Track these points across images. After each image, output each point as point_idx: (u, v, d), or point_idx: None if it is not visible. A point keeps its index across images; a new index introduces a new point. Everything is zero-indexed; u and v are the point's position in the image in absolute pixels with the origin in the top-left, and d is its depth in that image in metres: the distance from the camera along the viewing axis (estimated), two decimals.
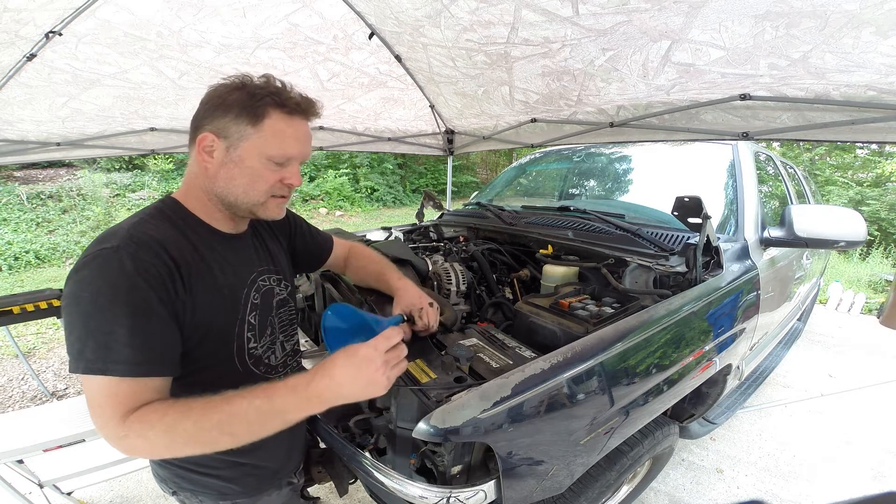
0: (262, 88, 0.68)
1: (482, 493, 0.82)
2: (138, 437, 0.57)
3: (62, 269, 5.70)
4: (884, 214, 8.64)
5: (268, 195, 0.73)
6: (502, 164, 14.92)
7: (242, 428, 0.59)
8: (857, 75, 1.17)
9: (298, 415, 0.61)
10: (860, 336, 3.91)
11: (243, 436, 0.59)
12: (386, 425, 0.98)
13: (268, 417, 0.60)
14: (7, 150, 2.07)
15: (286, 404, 0.60)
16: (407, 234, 2.16)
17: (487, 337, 1.10)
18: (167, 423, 0.58)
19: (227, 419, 0.58)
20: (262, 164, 0.69)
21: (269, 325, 0.85)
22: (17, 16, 1.34)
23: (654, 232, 1.49)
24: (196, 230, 0.73)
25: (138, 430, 0.57)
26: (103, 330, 0.58)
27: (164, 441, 0.58)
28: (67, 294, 0.59)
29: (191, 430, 0.58)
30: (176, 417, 0.58)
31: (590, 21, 1.32)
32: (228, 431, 0.58)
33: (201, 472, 0.81)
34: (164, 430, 0.57)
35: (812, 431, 2.39)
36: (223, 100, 0.68)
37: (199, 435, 0.58)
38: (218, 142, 0.69)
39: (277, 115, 0.68)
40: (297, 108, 0.70)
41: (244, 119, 0.67)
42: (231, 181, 0.70)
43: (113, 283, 0.59)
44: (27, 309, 2.04)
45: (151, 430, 0.57)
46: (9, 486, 1.53)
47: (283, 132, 0.69)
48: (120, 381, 0.58)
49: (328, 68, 2.03)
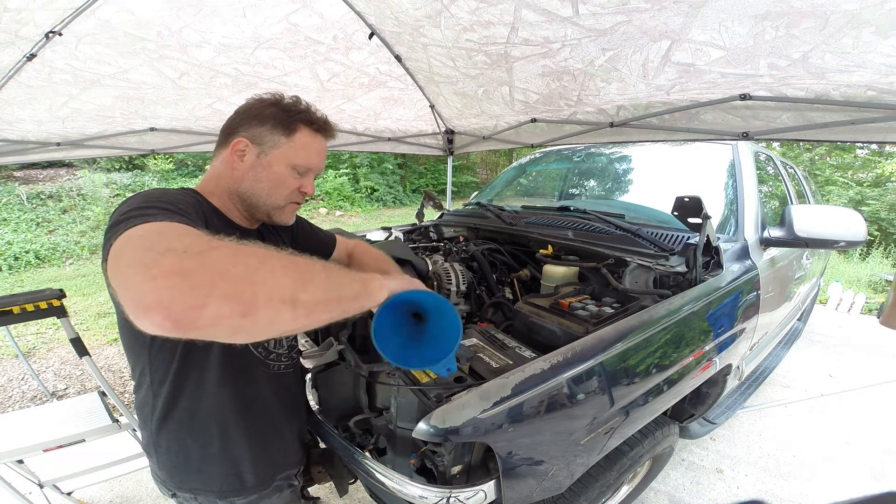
0: (295, 106, 0.79)
1: (482, 493, 0.82)
2: (193, 260, 0.40)
3: (62, 269, 5.70)
4: (884, 214, 8.65)
5: (287, 201, 0.82)
6: (502, 164, 14.92)
7: (332, 271, 0.53)
8: (857, 75, 1.17)
9: (371, 287, 0.59)
10: (860, 336, 3.91)
11: (334, 278, 0.52)
12: (386, 425, 0.99)
13: (353, 278, 0.56)
14: (7, 150, 2.07)
15: (364, 276, 0.60)
16: (407, 234, 2.16)
17: (487, 337, 1.10)
18: (241, 246, 0.46)
19: (313, 264, 0.50)
20: (288, 172, 0.79)
21: None
22: (17, 16, 1.34)
23: (654, 232, 1.49)
24: (216, 216, 0.79)
25: (215, 248, 0.43)
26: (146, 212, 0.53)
27: (254, 262, 0.43)
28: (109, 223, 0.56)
29: (268, 258, 0.45)
30: (252, 248, 0.47)
31: (590, 21, 1.32)
32: (317, 270, 0.50)
33: (198, 468, 0.82)
34: (252, 250, 0.45)
35: (812, 431, 2.38)
36: (260, 112, 0.78)
37: (290, 264, 0.47)
38: (251, 147, 0.78)
39: (307, 131, 0.80)
40: (322, 127, 0.82)
41: (279, 130, 0.77)
42: (257, 183, 0.79)
43: (160, 195, 0.63)
44: (27, 309, 2.03)
45: (240, 251, 0.44)
46: (9, 486, 1.53)
47: (309, 146, 0.80)
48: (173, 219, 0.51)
49: (328, 68, 2.03)
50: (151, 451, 0.84)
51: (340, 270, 0.56)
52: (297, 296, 0.44)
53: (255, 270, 0.42)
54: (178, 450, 0.81)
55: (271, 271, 0.43)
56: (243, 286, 0.40)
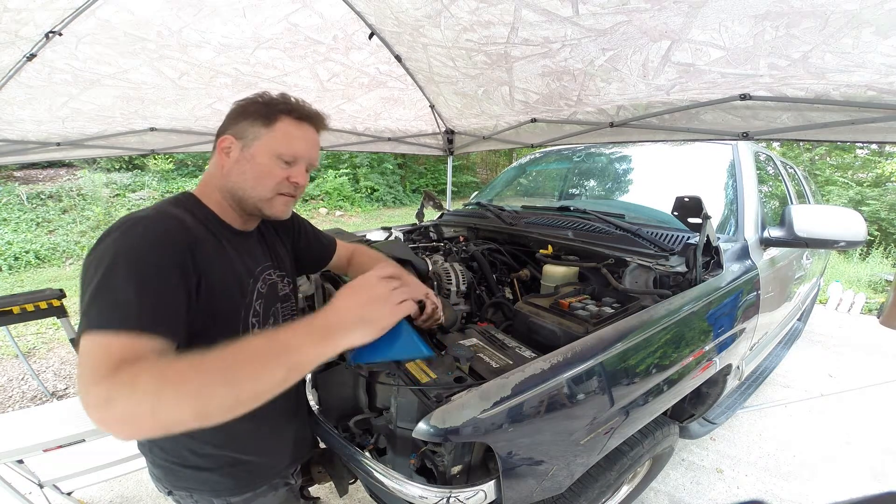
0: (277, 99, 0.79)
1: (482, 493, 0.82)
2: (122, 394, 0.49)
3: (62, 269, 5.70)
4: (884, 214, 8.65)
5: (275, 192, 0.80)
6: (502, 164, 14.93)
7: (237, 373, 0.52)
8: (857, 75, 1.17)
9: (302, 354, 0.56)
10: (860, 336, 3.91)
11: (239, 384, 0.52)
12: (386, 425, 0.99)
13: (269, 357, 0.54)
14: (7, 150, 2.07)
15: (290, 340, 0.56)
16: (407, 234, 2.16)
17: (487, 337, 1.10)
18: (157, 371, 0.51)
19: (224, 362, 0.52)
20: (272, 161, 0.77)
21: (272, 315, 0.88)
22: (17, 16, 1.34)
23: (654, 232, 1.49)
24: (211, 221, 0.80)
25: (125, 383, 0.50)
26: (116, 287, 0.58)
27: (150, 397, 0.49)
28: (89, 259, 0.62)
29: (181, 376, 0.51)
30: (166, 364, 0.53)
31: (590, 21, 1.32)
32: (223, 378, 0.51)
33: (192, 466, 0.82)
34: (152, 380, 0.50)
35: (812, 431, 2.39)
36: (244, 109, 0.79)
37: (189, 384, 0.50)
38: (235, 142, 0.78)
39: (288, 120, 0.79)
40: (306, 116, 0.81)
41: (259, 122, 0.77)
42: (242, 175, 0.78)
43: (133, 244, 0.63)
44: (27, 309, 2.04)
45: (141, 379, 0.50)
46: (9, 486, 1.53)
47: (292, 133, 0.79)
48: (117, 335, 0.55)
49: (328, 68, 2.03)
50: (146, 451, 0.84)
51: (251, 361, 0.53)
52: (205, 411, 0.51)
53: (153, 408, 0.49)
54: (172, 448, 0.82)
55: (172, 403, 0.50)
56: (147, 422, 0.50)
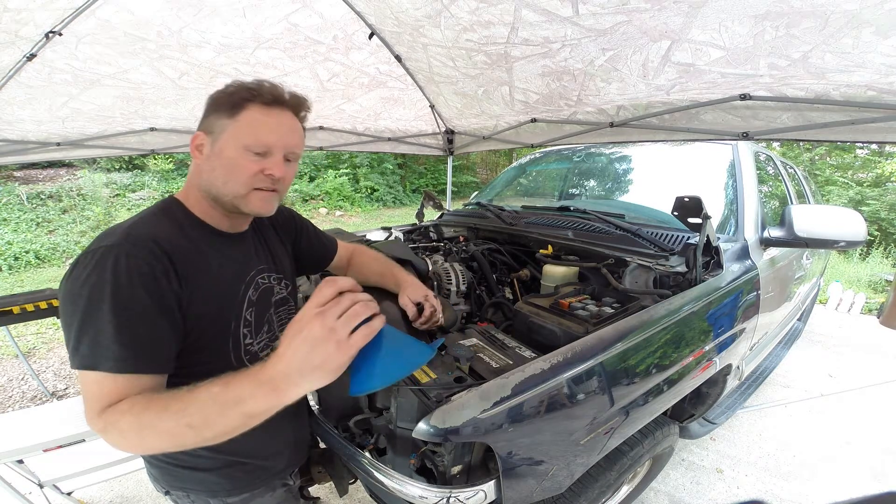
0: (243, 87, 0.72)
1: (482, 493, 0.82)
2: (113, 430, 0.57)
3: (62, 269, 5.70)
4: (884, 214, 8.64)
5: (248, 187, 0.73)
6: (502, 164, 14.92)
7: (199, 419, 0.53)
8: (857, 75, 1.17)
9: (254, 405, 0.52)
10: (860, 336, 3.91)
11: (202, 429, 0.53)
12: (386, 425, 0.98)
13: (224, 408, 0.53)
14: (7, 150, 2.07)
15: (241, 391, 0.53)
16: (407, 234, 2.16)
17: (487, 337, 1.10)
18: (134, 413, 0.57)
19: (186, 409, 0.54)
20: (240, 154, 0.71)
21: (265, 323, 0.86)
22: (17, 16, 1.34)
23: (654, 232, 1.49)
24: (194, 227, 0.76)
25: (112, 423, 0.57)
26: (95, 327, 0.59)
27: (134, 434, 0.56)
28: (64, 292, 0.62)
29: (153, 420, 0.55)
30: (142, 407, 0.57)
31: (590, 21, 1.32)
32: (187, 423, 0.53)
33: (188, 466, 0.81)
34: (132, 420, 0.56)
35: (812, 431, 2.39)
36: (213, 101, 0.74)
37: (161, 425, 0.54)
38: (206, 139, 0.73)
39: (254, 107, 0.71)
40: (274, 100, 0.73)
41: (223, 113, 0.71)
42: (212, 172, 0.73)
43: (105, 280, 0.60)
44: (27, 309, 2.04)
45: (123, 422, 0.57)
46: (9, 486, 1.53)
47: (258, 121, 0.71)
48: (106, 377, 0.59)
49: (328, 68, 2.03)
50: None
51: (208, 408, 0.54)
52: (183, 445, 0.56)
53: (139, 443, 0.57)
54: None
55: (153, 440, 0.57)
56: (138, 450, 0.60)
